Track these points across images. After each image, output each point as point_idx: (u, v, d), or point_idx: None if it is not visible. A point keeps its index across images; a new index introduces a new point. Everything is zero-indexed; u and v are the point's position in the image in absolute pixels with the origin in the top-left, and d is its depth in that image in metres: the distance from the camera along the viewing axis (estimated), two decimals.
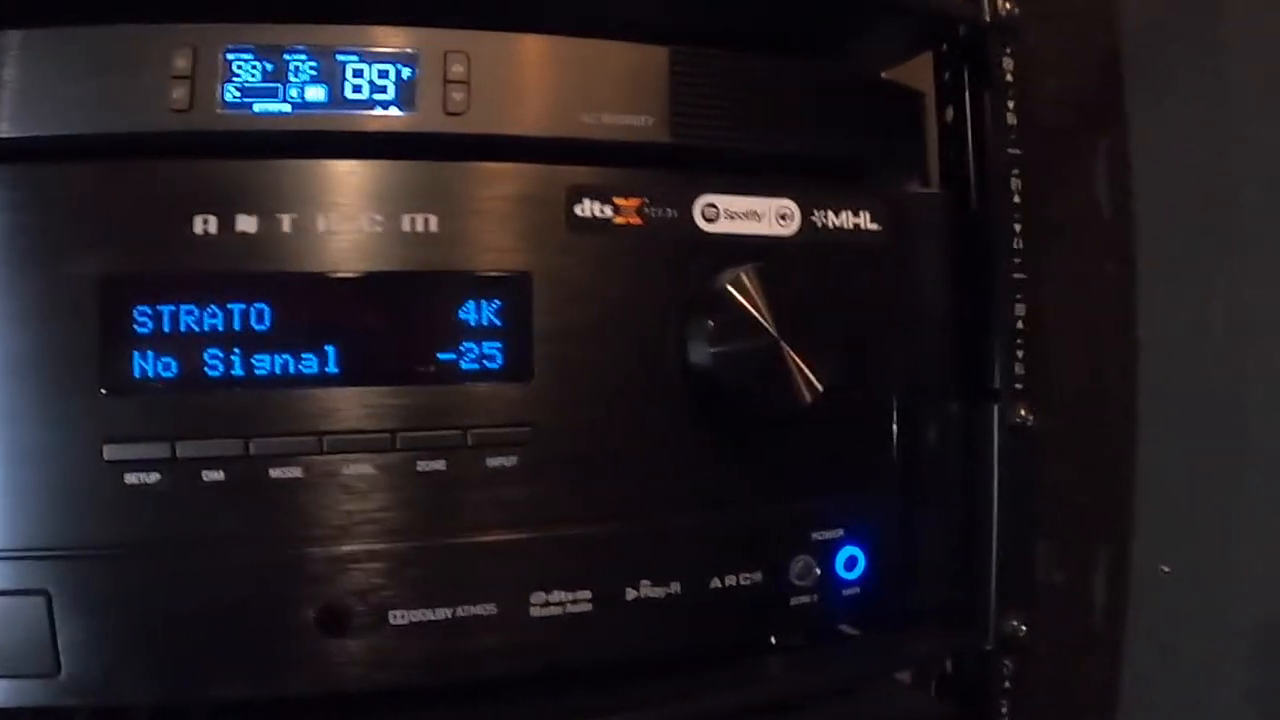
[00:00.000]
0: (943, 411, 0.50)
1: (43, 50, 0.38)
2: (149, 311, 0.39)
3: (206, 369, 0.39)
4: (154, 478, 0.38)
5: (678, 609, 0.44)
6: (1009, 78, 0.50)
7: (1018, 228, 0.50)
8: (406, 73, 0.41)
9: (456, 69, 0.41)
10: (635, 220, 0.44)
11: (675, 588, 0.44)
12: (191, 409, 0.39)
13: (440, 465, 0.41)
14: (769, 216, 0.46)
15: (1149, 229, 0.64)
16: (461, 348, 0.42)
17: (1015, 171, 0.50)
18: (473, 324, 0.42)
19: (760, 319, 0.43)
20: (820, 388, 0.44)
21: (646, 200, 0.44)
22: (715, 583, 0.45)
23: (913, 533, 0.50)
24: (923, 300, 0.49)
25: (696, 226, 0.45)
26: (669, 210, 0.44)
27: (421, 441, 0.41)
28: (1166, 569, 0.63)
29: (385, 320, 0.41)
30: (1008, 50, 0.50)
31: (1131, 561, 0.64)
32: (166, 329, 0.39)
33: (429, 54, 0.41)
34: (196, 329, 0.39)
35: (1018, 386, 0.50)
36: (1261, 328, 0.59)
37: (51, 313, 0.38)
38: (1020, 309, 0.50)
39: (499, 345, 0.42)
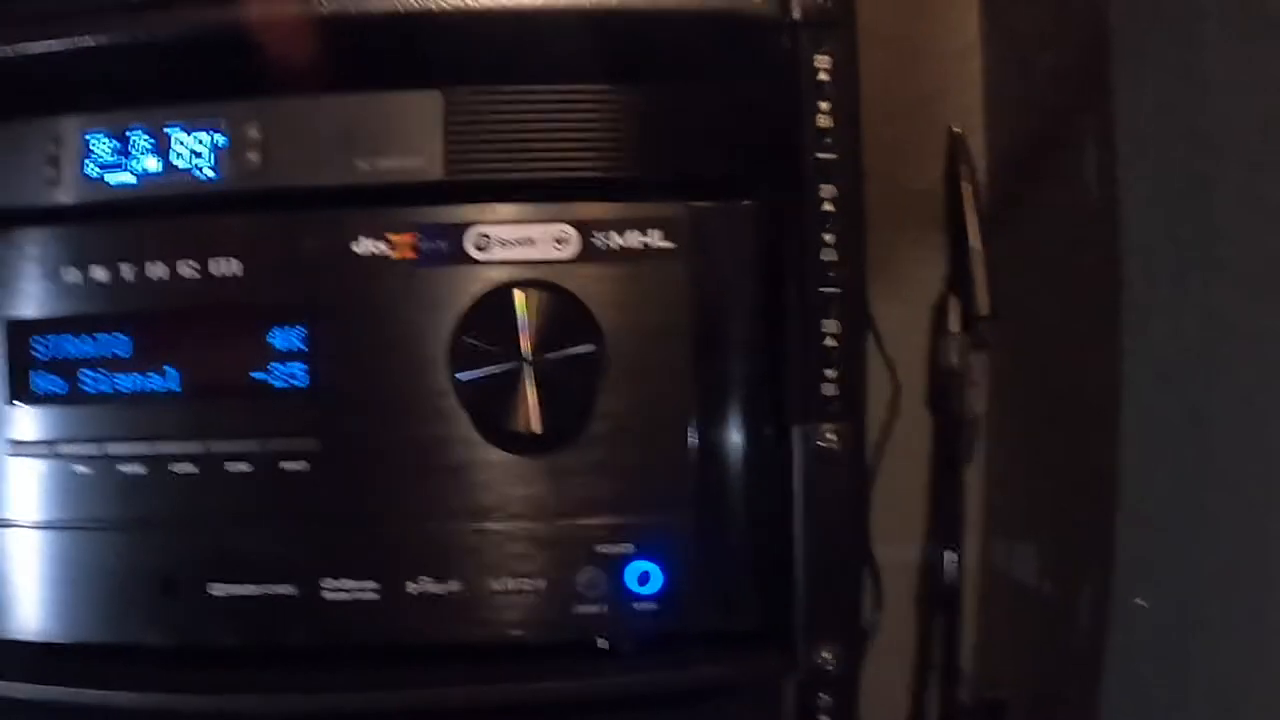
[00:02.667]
0: (754, 433, 0.50)
1: None
2: (42, 342, 0.51)
3: (81, 385, 0.51)
4: (42, 467, 0.50)
5: (457, 605, 0.49)
6: (822, 76, 0.47)
7: (830, 238, 0.48)
8: (220, 140, 0.49)
9: (252, 134, 0.49)
10: (409, 254, 0.49)
11: (454, 585, 0.49)
12: (70, 417, 0.50)
13: (244, 467, 0.49)
14: (544, 242, 0.48)
15: (1132, 220, 0.56)
16: (270, 368, 0.49)
17: (830, 177, 0.47)
18: (279, 348, 0.49)
19: (505, 345, 0.47)
20: (557, 419, 0.46)
21: (419, 235, 0.48)
22: (495, 585, 0.49)
23: (720, 554, 0.50)
24: (724, 317, 0.49)
25: (468, 256, 0.48)
26: (440, 243, 0.48)
27: (228, 449, 0.49)
28: (1142, 602, 0.56)
29: (209, 346, 0.50)
30: (822, 47, 0.47)
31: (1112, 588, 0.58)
32: (55, 355, 0.51)
33: (232, 121, 0.49)
34: (75, 354, 0.51)
35: (830, 409, 0.48)
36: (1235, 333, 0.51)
37: None
38: (833, 325, 0.48)
39: (304, 366, 0.49)
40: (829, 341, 0.48)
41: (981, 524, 0.71)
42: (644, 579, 0.49)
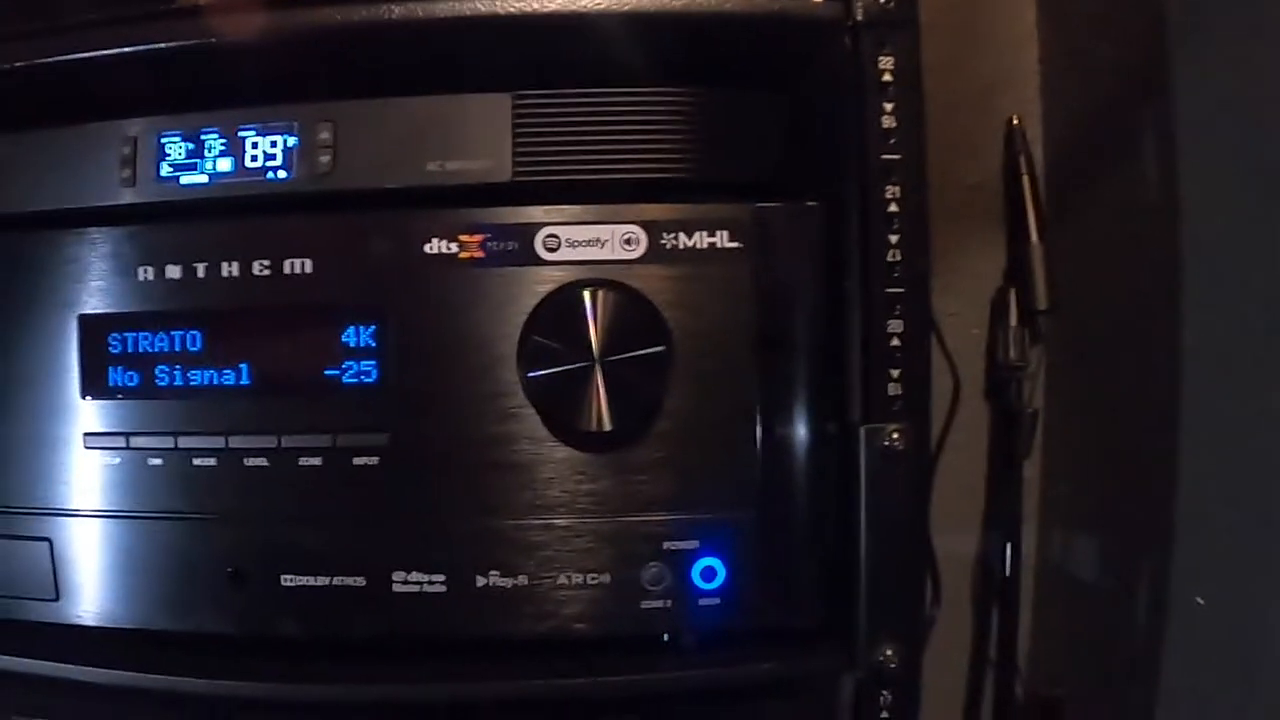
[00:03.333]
0: (817, 431, 0.50)
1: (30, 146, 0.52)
2: (117, 338, 0.52)
3: (157, 380, 0.52)
4: (116, 460, 0.52)
5: (524, 598, 0.50)
6: (886, 78, 0.47)
7: (894, 239, 0.48)
8: (292, 141, 0.50)
9: (323, 136, 0.50)
10: (478, 254, 0.49)
11: (521, 580, 0.50)
12: (143, 411, 0.52)
13: (315, 461, 0.50)
14: (613, 243, 0.49)
15: (1193, 212, 0.56)
16: (343, 365, 0.50)
17: (893, 177, 0.47)
18: (352, 345, 0.50)
19: (575, 344, 0.47)
20: (625, 417, 0.47)
21: (488, 235, 0.49)
22: (561, 579, 0.50)
23: (783, 551, 0.50)
24: (789, 317, 0.49)
25: (537, 256, 0.49)
26: (509, 243, 0.49)
27: (301, 443, 0.50)
28: (1201, 601, 0.56)
29: (281, 343, 0.51)
30: (885, 48, 0.47)
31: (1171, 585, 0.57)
32: (130, 350, 0.52)
33: (304, 124, 0.50)
34: (150, 350, 0.52)
35: (894, 408, 0.48)
36: None
37: (49, 340, 0.52)
38: (898, 325, 0.48)
39: (373, 363, 0.50)
40: (893, 341, 0.48)
41: (1038, 518, 0.71)
42: (709, 575, 0.50)
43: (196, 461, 0.51)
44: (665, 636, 0.51)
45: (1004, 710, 0.70)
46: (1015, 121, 0.69)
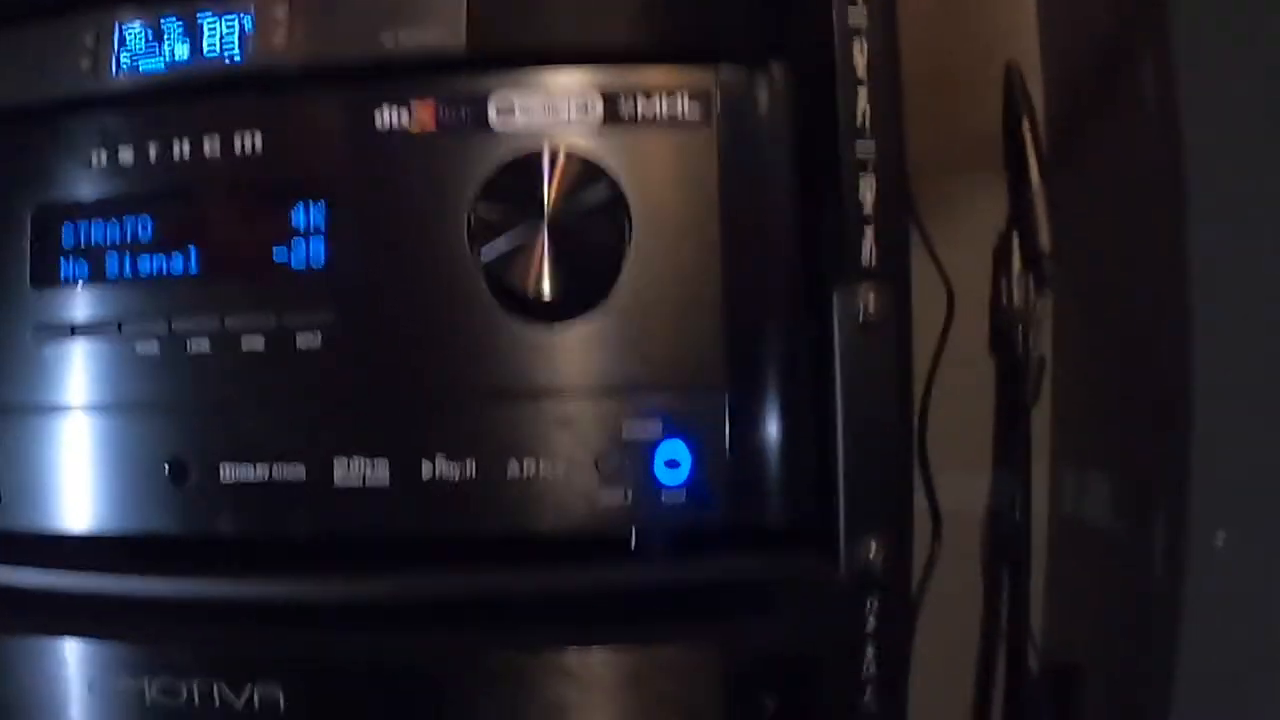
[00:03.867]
0: (788, 308, 0.47)
1: None
2: (69, 228, 0.50)
3: (107, 269, 0.50)
4: (61, 352, 0.50)
5: (473, 489, 0.46)
6: None
7: (863, 98, 0.45)
8: (248, 21, 0.50)
9: (278, 14, 0.49)
10: (431, 126, 0.47)
11: (470, 468, 0.46)
12: (91, 300, 0.50)
13: (259, 344, 0.48)
14: (568, 109, 0.47)
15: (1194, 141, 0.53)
16: (291, 245, 0.48)
17: (862, 33, 0.45)
18: (301, 226, 0.48)
19: (526, 211, 0.45)
20: (579, 283, 0.44)
21: (440, 105, 0.47)
22: (514, 469, 0.46)
23: (754, 440, 0.47)
24: (756, 185, 0.47)
25: (490, 125, 0.47)
26: (462, 112, 0.47)
27: (244, 324, 0.48)
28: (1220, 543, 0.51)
29: (231, 225, 0.49)
30: None
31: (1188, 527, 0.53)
32: (81, 241, 0.50)
33: (260, 3, 0.49)
34: (100, 240, 0.50)
35: (868, 270, 0.45)
36: None
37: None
38: (869, 185, 0.45)
39: (321, 243, 0.48)
40: (865, 205, 0.45)
41: (1049, 469, 0.66)
42: (673, 466, 0.46)
43: (139, 349, 0.49)
44: (632, 536, 0.47)
45: (1017, 680, 0.64)
46: (1014, 66, 0.68)
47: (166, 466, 0.48)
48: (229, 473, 0.48)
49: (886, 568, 0.45)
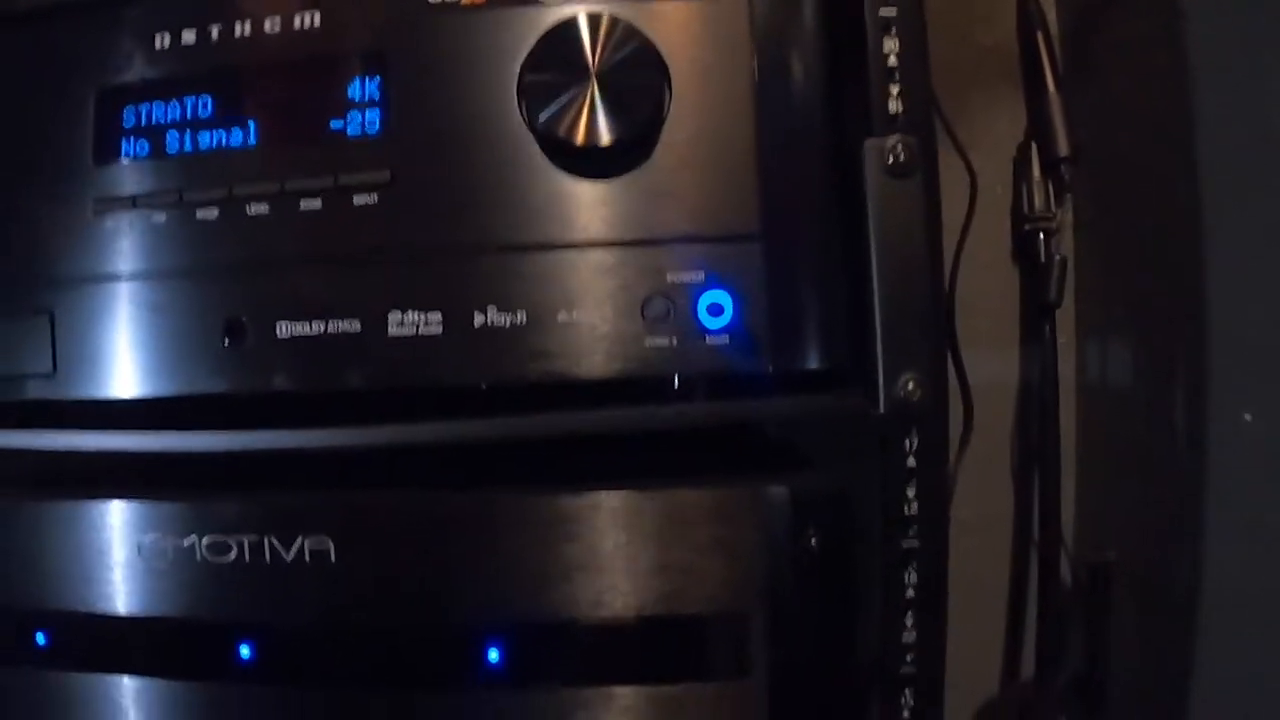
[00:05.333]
0: (822, 159, 0.49)
1: None
2: (133, 110, 0.53)
3: (166, 146, 0.52)
4: (122, 222, 0.52)
5: (523, 337, 0.48)
6: None
7: None
8: None
9: None
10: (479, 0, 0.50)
11: (520, 316, 0.48)
12: (152, 173, 0.52)
13: (316, 204, 0.50)
14: None
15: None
16: (347, 117, 0.51)
17: None
18: (357, 98, 0.51)
19: (572, 68, 0.47)
20: (624, 132, 0.46)
21: None
22: (563, 316, 0.48)
23: (793, 286, 0.48)
24: (789, 42, 0.49)
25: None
26: None
27: (303, 186, 0.50)
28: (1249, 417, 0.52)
29: (287, 100, 0.51)
30: None
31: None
32: (142, 121, 0.53)
33: None
34: (161, 119, 0.52)
35: (895, 124, 0.47)
36: None
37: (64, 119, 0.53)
38: (893, 44, 0.47)
39: (377, 113, 0.50)
40: (889, 59, 0.47)
41: (1076, 375, 0.68)
42: (715, 310, 0.48)
43: (199, 214, 0.51)
44: (675, 380, 0.48)
45: (1049, 579, 0.64)
46: None
47: (223, 327, 0.50)
48: (285, 330, 0.49)
49: (924, 403, 0.46)
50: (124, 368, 0.52)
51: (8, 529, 0.52)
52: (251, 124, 0.51)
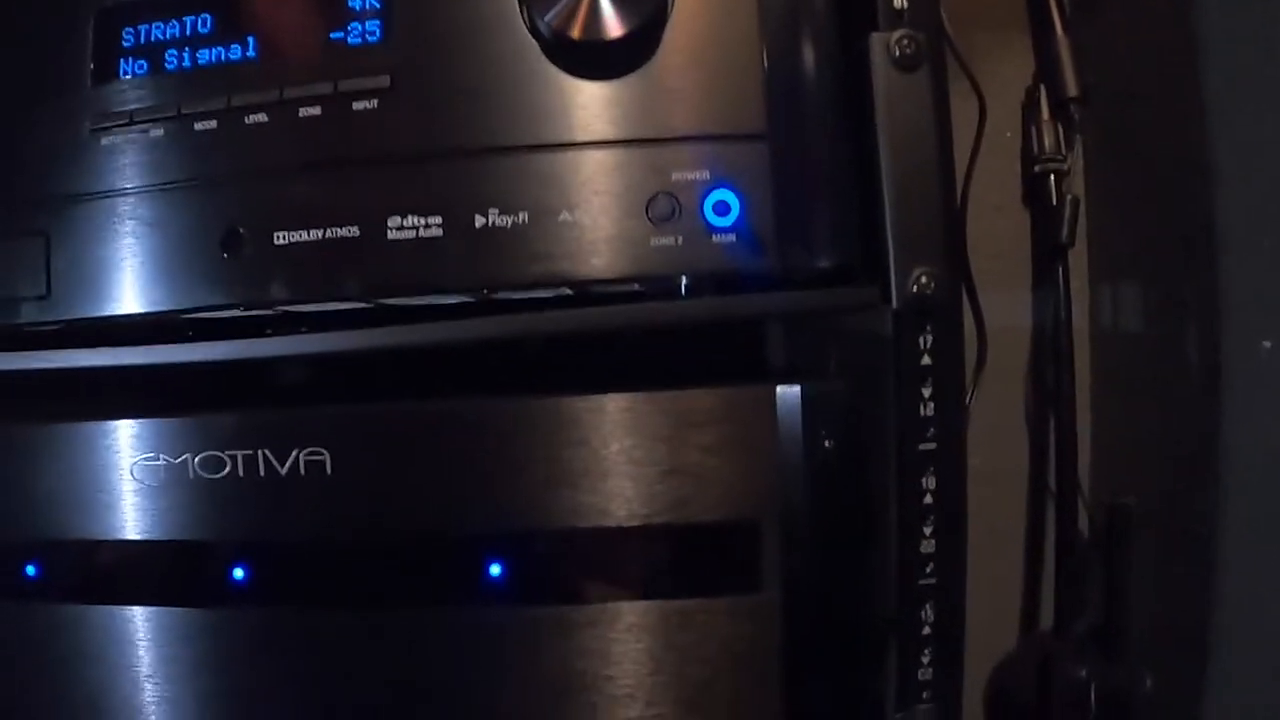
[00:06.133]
0: (828, 53, 0.48)
1: None
2: (131, 31, 0.52)
3: (165, 64, 0.52)
4: (117, 139, 0.51)
5: (525, 238, 0.47)
6: None
7: None
8: None
9: None
10: None
11: (521, 217, 0.47)
12: (151, 91, 0.51)
13: (315, 111, 0.49)
14: None
15: None
16: (348, 28, 0.50)
17: None
18: (357, 8, 0.50)
19: None
20: (631, 22, 0.45)
21: None
22: (564, 216, 0.47)
23: (801, 182, 0.47)
24: None
25: None
26: None
27: (302, 93, 0.49)
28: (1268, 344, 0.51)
29: (287, 12, 0.51)
30: None
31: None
32: (141, 40, 0.52)
33: None
34: (161, 38, 0.52)
35: (901, 20, 0.46)
36: None
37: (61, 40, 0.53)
38: None
39: (377, 23, 0.50)
40: None
41: (1089, 319, 0.66)
42: (722, 209, 0.47)
43: (198, 126, 0.50)
44: (682, 279, 0.47)
45: (1067, 526, 0.63)
46: None
47: (221, 238, 0.49)
48: (283, 238, 0.48)
49: (937, 296, 0.45)
50: (120, 285, 0.50)
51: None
52: (251, 40, 0.50)
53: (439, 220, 0.47)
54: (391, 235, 0.47)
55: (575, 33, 0.46)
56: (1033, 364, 0.67)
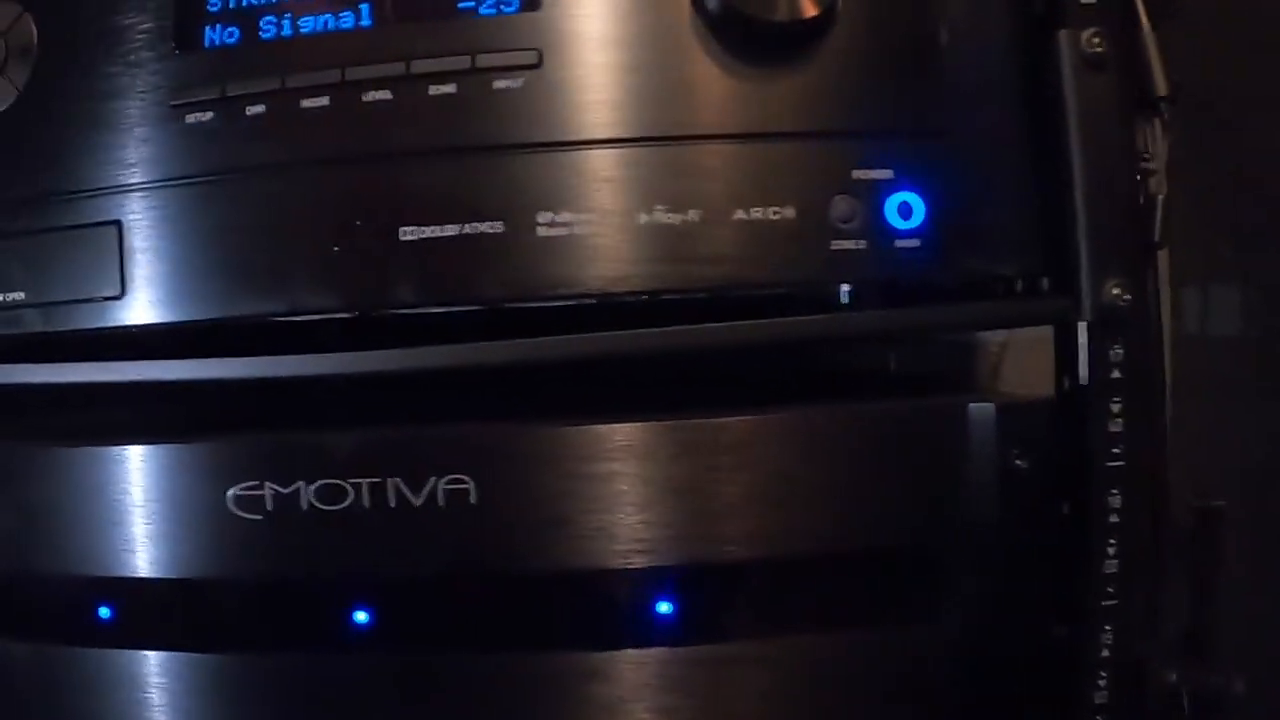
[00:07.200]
0: (1017, 48, 0.45)
1: None
2: None
3: (261, 32, 0.45)
4: (208, 115, 0.44)
5: (692, 237, 0.42)
6: None
7: None
8: None
9: None
10: None
11: (693, 215, 0.43)
12: (242, 61, 0.45)
13: (450, 89, 0.43)
14: None
15: None
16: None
17: None
18: None
19: None
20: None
21: None
22: (739, 214, 0.43)
23: (990, 184, 0.44)
24: None
25: None
26: None
27: (433, 67, 0.43)
28: None
29: None
30: None
31: None
32: (231, 4, 0.45)
33: None
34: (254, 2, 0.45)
35: (1088, 15, 0.44)
36: None
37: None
38: None
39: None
40: None
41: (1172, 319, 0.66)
42: (906, 211, 0.43)
43: (305, 103, 0.44)
44: (858, 286, 0.43)
45: (1158, 529, 0.61)
46: None
47: (334, 231, 0.43)
48: (410, 233, 0.43)
49: (1131, 309, 0.43)
50: (208, 285, 0.44)
51: (60, 481, 0.44)
52: (365, 7, 0.44)
53: (594, 217, 0.42)
54: (541, 233, 0.42)
55: (756, 8, 0.42)
56: None
